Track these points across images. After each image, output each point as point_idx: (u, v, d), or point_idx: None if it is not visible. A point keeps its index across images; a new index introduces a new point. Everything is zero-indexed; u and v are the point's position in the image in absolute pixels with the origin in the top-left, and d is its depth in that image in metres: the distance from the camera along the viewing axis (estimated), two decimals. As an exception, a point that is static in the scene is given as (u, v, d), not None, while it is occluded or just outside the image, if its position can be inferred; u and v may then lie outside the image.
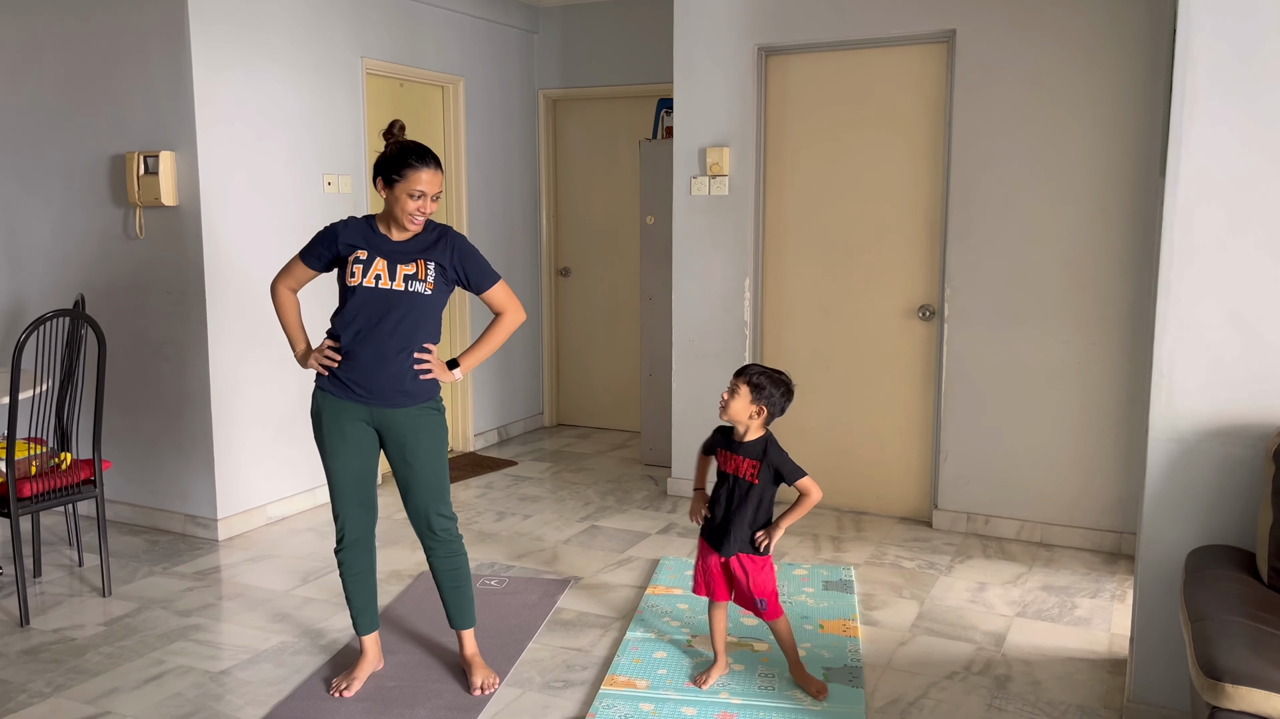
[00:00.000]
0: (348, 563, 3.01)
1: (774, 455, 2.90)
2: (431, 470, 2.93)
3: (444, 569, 3.02)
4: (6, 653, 3.29)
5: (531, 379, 6.50)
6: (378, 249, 2.84)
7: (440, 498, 2.96)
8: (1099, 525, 4.23)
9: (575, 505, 4.91)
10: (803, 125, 4.69)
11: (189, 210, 4.25)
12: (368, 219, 2.91)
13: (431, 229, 2.90)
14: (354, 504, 2.96)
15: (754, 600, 2.95)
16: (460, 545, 3.02)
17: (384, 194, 2.81)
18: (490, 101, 5.95)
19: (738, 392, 2.90)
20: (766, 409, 2.89)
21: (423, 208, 2.79)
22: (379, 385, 2.85)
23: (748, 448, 2.92)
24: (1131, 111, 4.00)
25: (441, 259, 2.86)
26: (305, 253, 2.95)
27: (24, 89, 4.59)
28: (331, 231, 2.90)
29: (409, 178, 2.76)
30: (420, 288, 2.83)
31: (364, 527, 3.00)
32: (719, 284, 4.83)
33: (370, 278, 2.81)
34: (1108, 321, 4.12)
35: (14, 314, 4.82)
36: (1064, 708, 2.92)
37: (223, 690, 3.04)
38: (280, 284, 3.01)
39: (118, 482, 4.62)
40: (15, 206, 4.71)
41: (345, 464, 2.92)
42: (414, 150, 2.80)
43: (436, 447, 2.94)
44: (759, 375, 2.90)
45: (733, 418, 2.91)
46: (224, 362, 4.37)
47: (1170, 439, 2.68)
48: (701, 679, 3.02)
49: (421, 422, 2.91)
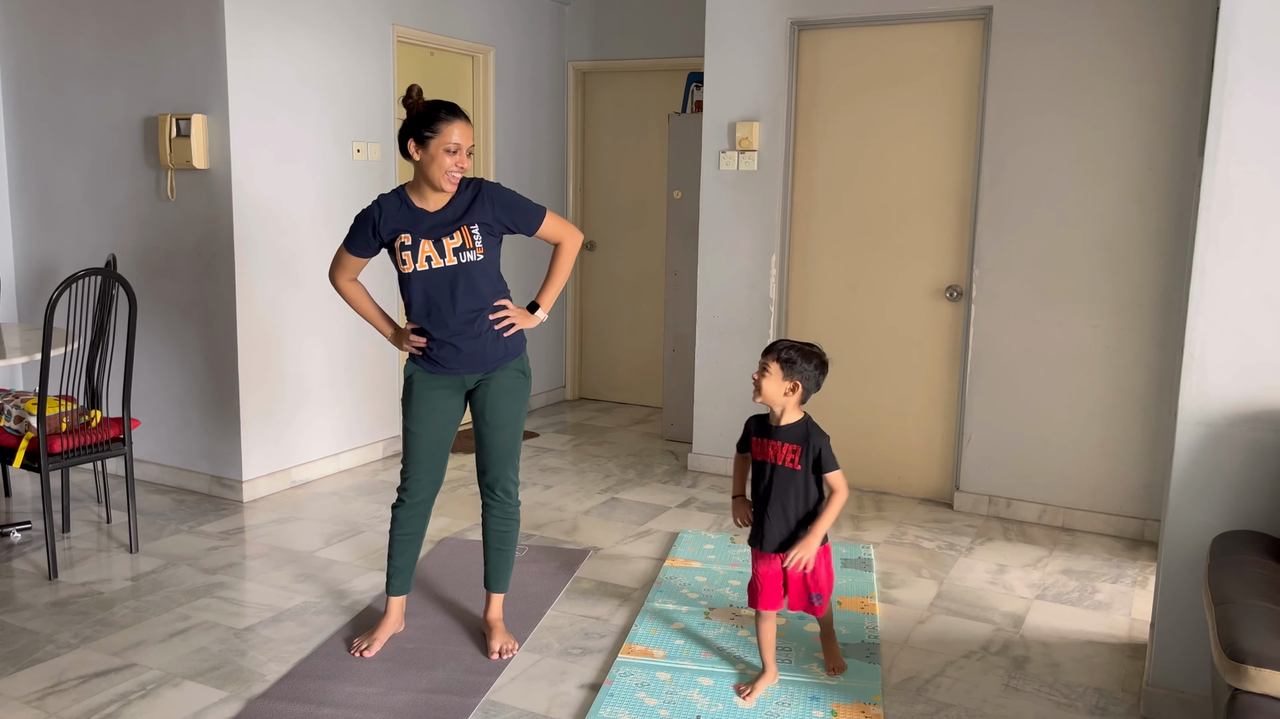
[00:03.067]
0: (402, 521, 3.03)
1: (817, 439, 2.74)
2: (508, 433, 2.97)
3: (496, 529, 3.05)
4: (34, 604, 3.36)
5: (554, 353, 6.52)
6: (419, 229, 2.80)
7: (511, 460, 3.00)
8: (1122, 511, 4.20)
9: (596, 478, 4.93)
10: (834, 101, 4.65)
11: (220, 174, 4.27)
12: (399, 193, 2.86)
13: (465, 187, 2.85)
14: (425, 469, 2.99)
15: (810, 597, 2.81)
16: (516, 511, 3.06)
17: (417, 155, 2.76)
18: (520, 72, 5.93)
19: (768, 370, 2.76)
20: (801, 385, 2.75)
21: (460, 162, 2.76)
22: (465, 356, 2.88)
23: (786, 431, 2.77)
24: (1171, 92, 3.94)
25: (484, 217, 2.82)
26: (350, 243, 2.91)
27: (59, 51, 4.62)
28: (368, 218, 2.85)
29: (442, 132, 2.73)
30: (472, 256, 2.81)
31: (429, 491, 3.02)
32: (745, 260, 4.81)
33: (422, 261, 2.79)
34: (1139, 306, 4.07)
35: (47, 273, 4.88)
36: (1081, 690, 2.92)
37: (246, 646, 3.09)
38: (339, 278, 2.98)
39: (146, 441, 4.68)
40: (50, 167, 4.76)
41: (426, 429, 2.94)
42: (444, 105, 2.78)
43: (516, 410, 2.96)
44: (788, 350, 2.76)
45: (767, 399, 2.76)
46: (252, 325, 4.41)
47: (1199, 423, 2.65)
48: (746, 690, 2.82)
49: (508, 384, 2.94)
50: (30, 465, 3.53)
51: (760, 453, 2.82)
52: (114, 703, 2.74)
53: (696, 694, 2.81)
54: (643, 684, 2.85)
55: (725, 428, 4.96)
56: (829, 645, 3.00)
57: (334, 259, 2.98)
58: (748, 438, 2.89)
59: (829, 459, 2.74)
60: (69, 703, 2.74)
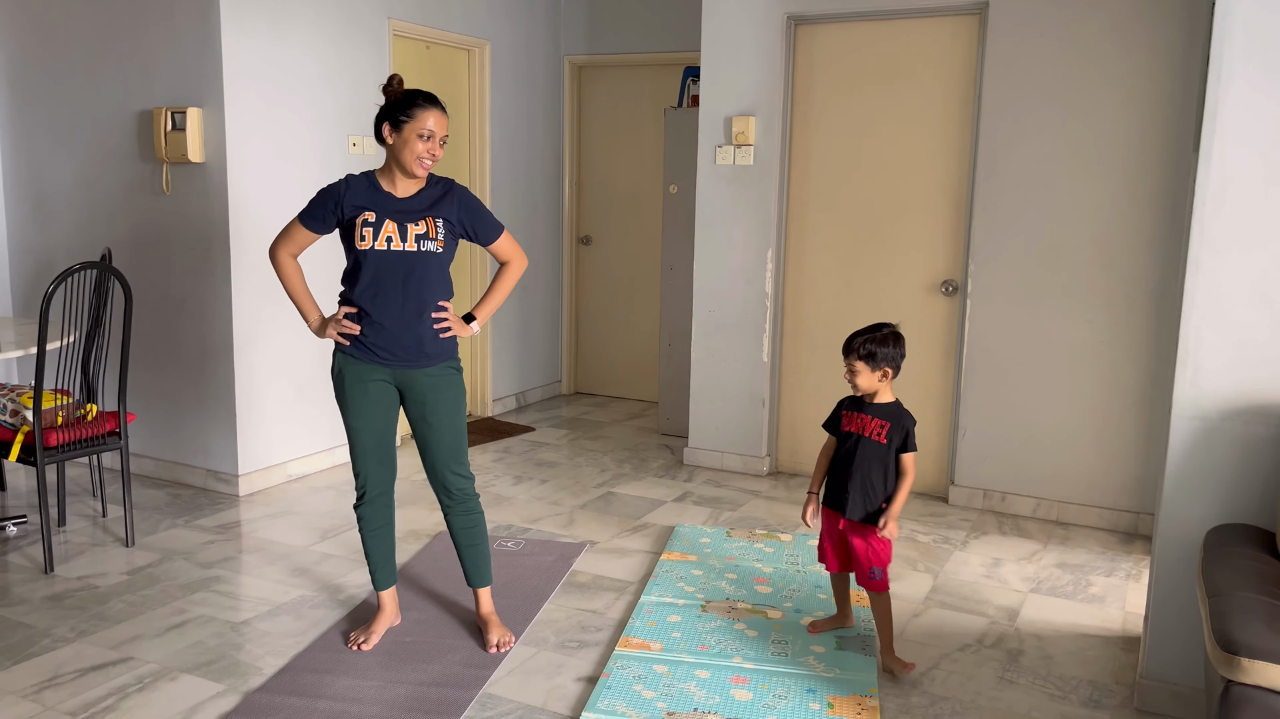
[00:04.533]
0: (367, 518, 3.04)
1: (907, 420, 2.91)
2: (450, 430, 2.95)
3: (461, 527, 3.05)
4: (30, 599, 3.35)
5: (550, 347, 6.52)
6: (385, 209, 2.82)
7: (457, 457, 2.99)
8: (1117, 505, 4.22)
9: (592, 472, 4.94)
10: (830, 96, 4.66)
11: (215, 167, 4.27)
12: (367, 176, 2.87)
13: (436, 183, 2.89)
14: (375, 461, 2.99)
15: (869, 570, 2.94)
16: (477, 504, 3.05)
17: (390, 139, 2.78)
18: (516, 66, 5.92)
19: (856, 369, 2.90)
20: (891, 369, 2.90)
21: (432, 149, 2.78)
22: (400, 347, 2.86)
23: (878, 408, 2.93)
24: (1166, 86, 3.95)
25: (449, 214, 2.86)
26: (306, 215, 2.89)
27: (54, 44, 4.61)
28: (333, 192, 2.85)
29: (418, 117, 2.75)
30: (432, 246, 2.83)
31: (384, 483, 3.02)
32: (741, 255, 4.82)
33: (382, 240, 2.79)
34: (1133, 300, 4.09)
35: (42, 267, 4.86)
36: (1075, 682, 2.93)
37: (243, 640, 3.09)
38: (281, 250, 2.93)
39: (141, 435, 4.67)
40: (45, 160, 4.74)
41: (367, 422, 2.94)
42: (421, 93, 2.80)
43: (455, 406, 2.96)
44: (864, 344, 2.89)
45: (866, 391, 2.93)
46: (246, 319, 4.40)
47: (1193, 417, 2.66)
48: (815, 624, 3.19)
49: (442, 381, 2.93)
50: (26, 459, 3.53)
51: (849, 424, 2.99)
52: (111, 696, 2.74)
53: (693, 687, 2.82)
54: (640, 677, 2.86)
55: (721, 422, 4.97)
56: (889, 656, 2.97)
57: (282, 230, 2.94)
58: (838, 414, 3.04)
59: (913, 441, 2.92)
60: (66, 696, 2.74)
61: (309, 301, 2.97)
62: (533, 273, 6.16)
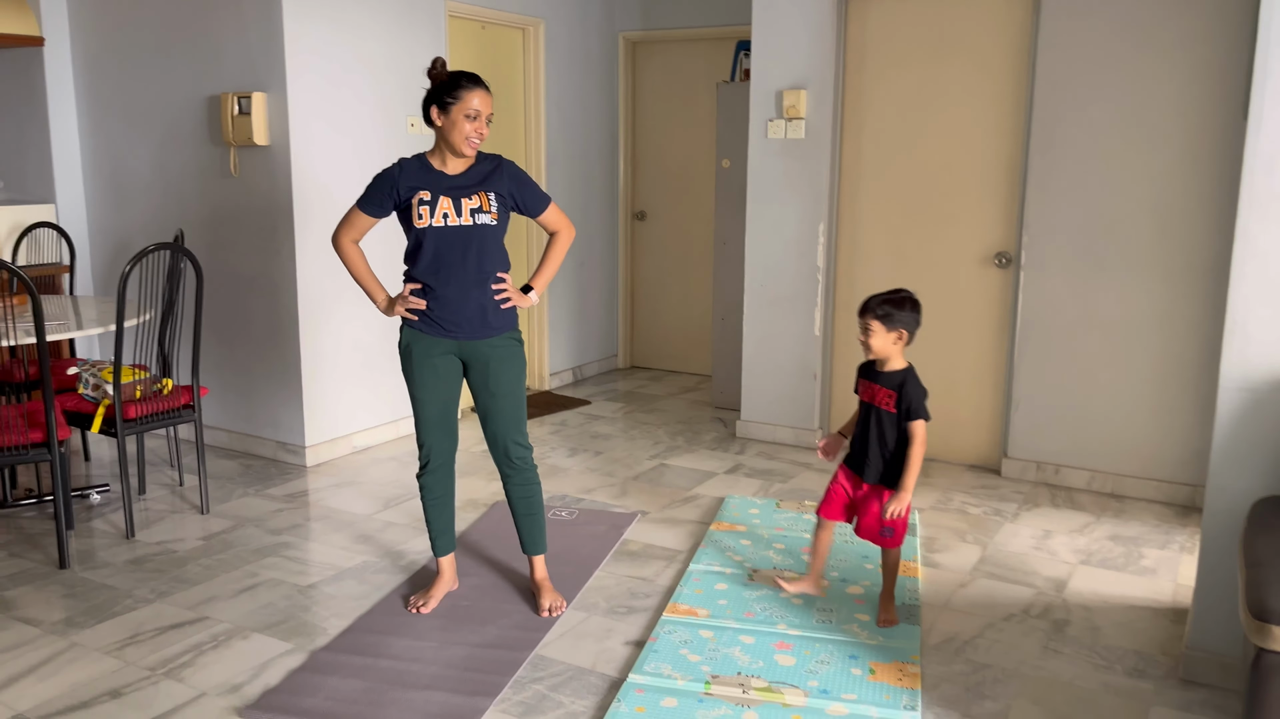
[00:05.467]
0: (429, 487, 3.16)
1: (911, 388, 2.94)
2: (511, 399, 3.06)
3: (519, 496, 3.16)
4: (114, 562, 3.56)
5: (607, 322, 6.61)
6: (439, 187, 2.92)
7: (518, 427, 3.09)
8: (1174, 478, 4.17)
9: (645, 444, 5.02)
10: (882, 68, 4.63)
11: (279, 150, 4.42)
12: (419, 158, 2.97)
13: (485, 159, 2.99)
14: (439, 432, 3.11)
15: (881, 528, 3.03)
16: (534, 474, 3.16)
17: (439, 122, 2.88)
18: (570, 44, 5.98)
19: (871, 329, 2.94)
20: (906, 332, 2.94)
21: (479, 129, 2.87)
22: (465, 318, 2.97)
23: (887, 377, 2.98)
24: (1225, 52, 3.86)
25: (500, 188, 2.96)
26: (364, 201, 3.00)
27: (126, 34, 4.80)
28: (389, 176, 2.96)
29: (463, 99, 2.84)
30: (487, 219, 2.93)
31: (446, 454, 3.14)
32: (793, 228, 4.84)
33: (439, 217, 2.90)
34: (1193, 270, 4.02)
35: (121, 247, 5.09)
36: (1121, 653, 2.94)
37: (310, 602, 3.25)
38: (343, 237, 3.05)
39: (214, 408, 4.88)
40: (121, 144, 4.95)
41: (433, 395, 3.06)
42: (465, 74, 2.90)
43: (516, 377, 3.06)
44: (881, 305, 2.93)
45: (879, 354, 2.97)
46: (312, 296, 4.56)
47: (1241, 388, 2.64)
48: (787, 581, 3.25)
49: (505, 352, 3.03)
50: (107, 431, 3.73)
51: (865, 394, 3.06)
52: (188, 653, 2.92)
53: (738, 652, 2.90)
54: (686, 641, 2.95)
55: (774, 395, 5.01)
56: (886, 591, 3.12)
57: (343, 218, 3.06)
58: (858, 382, 3.11)
59: (917, 409, 2.94)
60: (146, 653, 2.92)
61: (375, 283, 3.09)
62: (588, 248, 6.25)
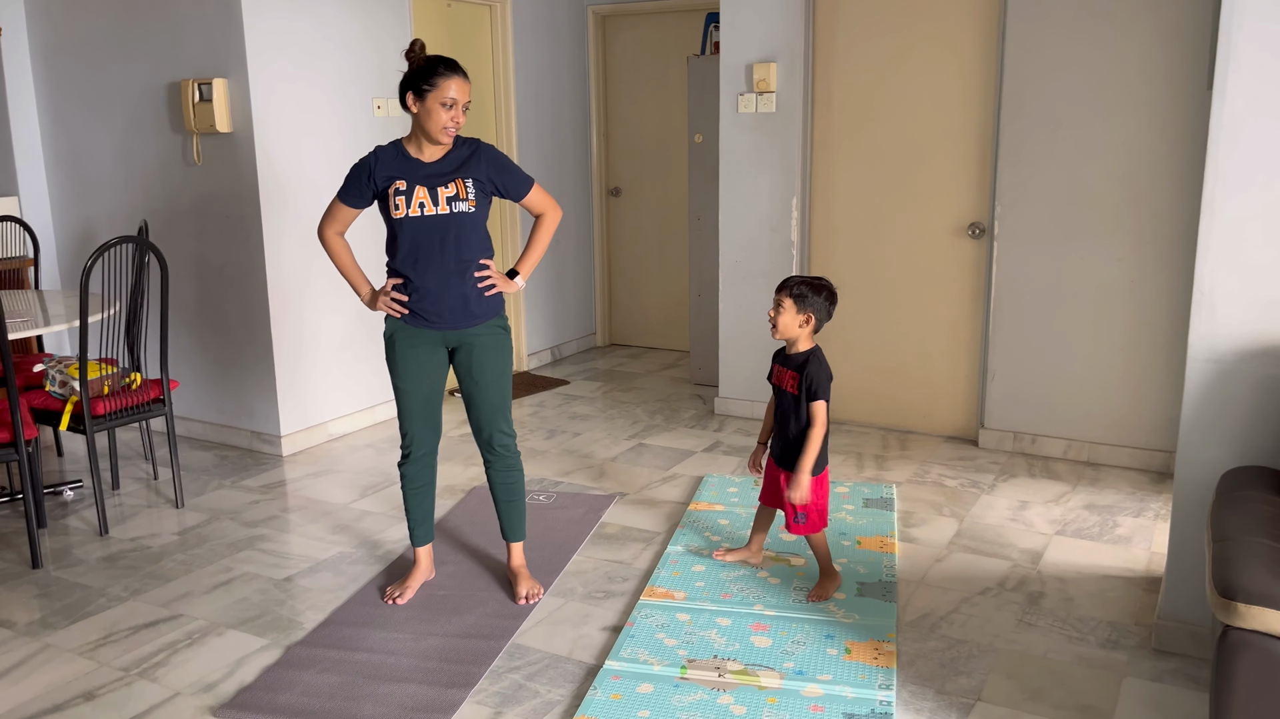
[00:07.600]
0: (410, 477, 3.14)
1: (813, 368, 2.97)
2: (496, 387, 3.04)
3: (501, 483, 3.15)
4: (87, 560, 3.53)
5: (584, 300, 6.58)
6: (415, 176, 2.88)
7: (503, 414, 3.08)
8: (1148, 445, 4.20)
9: (624, 424, 5.01)
10: (852, 39, 4.59)
11: (243, 136, 4.35)
12: (395, 145, 2.93)
13: (462, 144, 2.94)
14: (422, 423, 3.08)
15: (795, 514, 3.06)
16: (518, 461, 3.15)
17: (415, 108, 2.84)
18: (538, 19, 5.90)
19: (782, 306, 2.99)
20: (814, 316, 2.98)
21: (455, 117, 2.83)
22: (447, 308, 2.94)
23: (793, 360, 3.03)
24: (1193, 18, 3.83)
25: (478, 174, 2.91)
26: (344, 193, 2.98)
27: (85, 20, 4.69)
28: (364, 166, 2.93)
29: (440, 86, 2.79)
30: (464, 207, 2.89)
31: (429, 444, 3.13)
32: (766, 203, 4.81)
33: (415, 207, 2.87)
34: (1162, 238, 4.02)
35: (86, 238, 5.01)
36: (1094, 623, 2.97)
37: (285, 596, 3.24)
38: (327, 230, 3.03)
39: (188, 400, 4.84)
40: (82, 135, 4.87)
41: (416, 386, 3.03)
42: (443, 60, 2.84)
43: (502, 365, 3.04)
44: (799, 285, 2.99)
45: (784, 334, 3.01)
46: (282, 283, 4.51)
47: (1209, 359, 2.64)
48: (724, 552, 3.35)
49: (489, 340, 3.01)
50: (76, 428, 3.69)
51: (776, 379, 3.11)
52: (162, 652, 2.90)
53: (714, 634, 2.90)
54: (663, 625, 2.95)
55: (750, 371, 5.00)
56: (821, 571, 3.18)
57: (325, 211, 3.04)
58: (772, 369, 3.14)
59: (816, 389, 2.98)
60: (120, 653, 2.90)
61: (359, 276, 3.06)
62: (564, 226, 6.20)
